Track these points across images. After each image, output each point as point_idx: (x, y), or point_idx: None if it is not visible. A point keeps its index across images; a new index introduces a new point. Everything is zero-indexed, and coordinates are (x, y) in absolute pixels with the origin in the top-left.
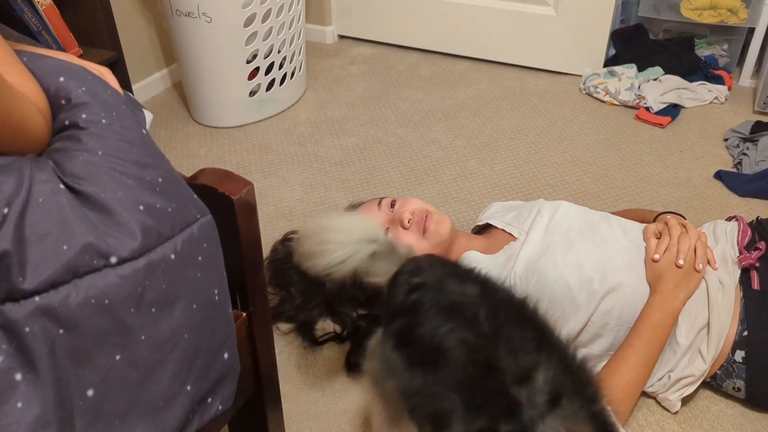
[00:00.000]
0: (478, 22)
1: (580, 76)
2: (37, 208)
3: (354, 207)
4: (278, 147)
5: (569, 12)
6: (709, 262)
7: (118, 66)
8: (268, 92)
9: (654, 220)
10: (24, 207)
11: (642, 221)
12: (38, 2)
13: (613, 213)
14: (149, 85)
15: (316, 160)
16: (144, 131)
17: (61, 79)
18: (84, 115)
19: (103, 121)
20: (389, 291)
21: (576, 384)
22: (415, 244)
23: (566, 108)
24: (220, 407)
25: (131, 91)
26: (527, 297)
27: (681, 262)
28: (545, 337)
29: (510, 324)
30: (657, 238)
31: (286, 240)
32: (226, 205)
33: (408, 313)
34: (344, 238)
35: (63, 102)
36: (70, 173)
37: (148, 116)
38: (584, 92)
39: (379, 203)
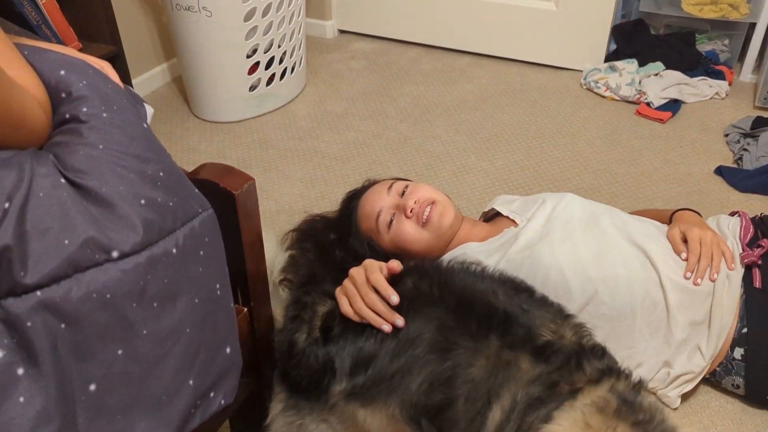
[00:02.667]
0: (479, 17)
1: (581, 71)
2: (38, 202)
3: (370, 185)
4: (278, 142)
5: (570, 7)
6: (726, 262)
7: (118, 60)
8: (269, 87)
9: (670, 218)
10: (25, 201)
11: (658, 219)
12: None
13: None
14: (149, 79)
15: (316, 155)
16: (145, 125)
17: (62, 72)
18: (85, 109)
19: (104, 114)
20: None
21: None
22: (414, 234)
23: (567, 103)
24: (222, 402)
25: (131, 86)
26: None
27: (699, 281)
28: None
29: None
30: (683, 241)
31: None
32: (227, 200)
33: None
34: None
35: (63, 95)
36: (72, 167)
37: (149, 110)
38: (585, 87)
39: (390, 187)
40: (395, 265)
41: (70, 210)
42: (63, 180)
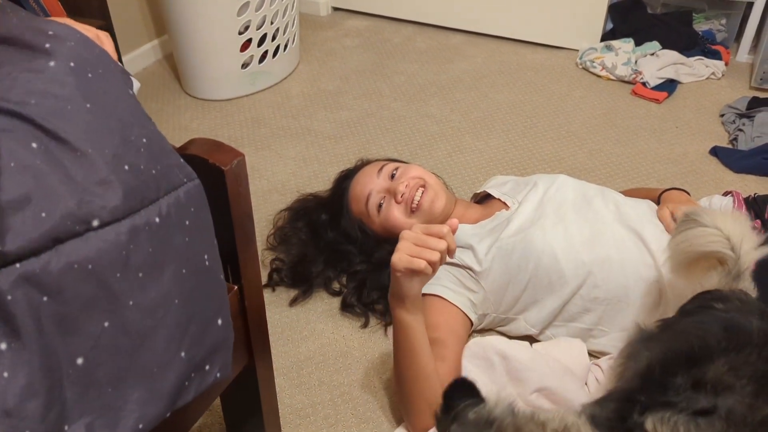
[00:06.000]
0: None
1: (577, 50)
2: (10, 173)
3: (362, 165)
4: (271, 120)
5: None
6: None
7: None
8: (261, 65)
9: (659, 198)
10: None
11: (648, 198)
12: None
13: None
14: (140, 56)
15: (309, 134)
16: (130, 92)
17: (50, 32)
18: (72, 64)
19: (89, 75)
20: None
21: None
22: (402, 220)
23: (562, 83)
24: (218, 375)
25: (121, 63)
26: None
27: None
28: None
29: None
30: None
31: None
32: (216, 175)
33: None
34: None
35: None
36: (49, 121)
37: (136, 84)
38: (581, 67)
39: (381, 169)
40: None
41: (48, 178)
42: (35, 144)
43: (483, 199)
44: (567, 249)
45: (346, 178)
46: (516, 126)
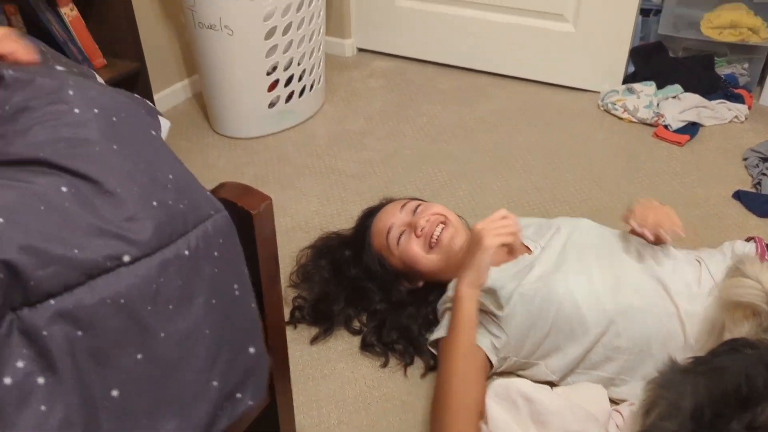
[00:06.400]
0: (497, 37)
1: (599, 92)
2: (43, 212)
3: (386, 203)
4: (296, 159)
5: (588, 29)
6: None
7: (141, 76)
8: (287, 104)
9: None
10: (28, 212)
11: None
12: (65, 14)
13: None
14: (170, 95)
15: (333, 173)
16: (154, 132)
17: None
18: (96, 111)
19: (114, 119)
20: None
21: None
22: (420, 254)
23: (584, 124)
24: (250, 402)
25: (152, 101)
26: None
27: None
28: None
29: None
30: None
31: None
32: (244, 218)
33: None
34: None
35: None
36: (77, 164)
37: (166, 124)
38: (602, 109)
39: (404, 205)
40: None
41: (78, 216)
42: (64, 188)
43: None
44: (589, 297)
45: (369, 215)
46: (538, 167)
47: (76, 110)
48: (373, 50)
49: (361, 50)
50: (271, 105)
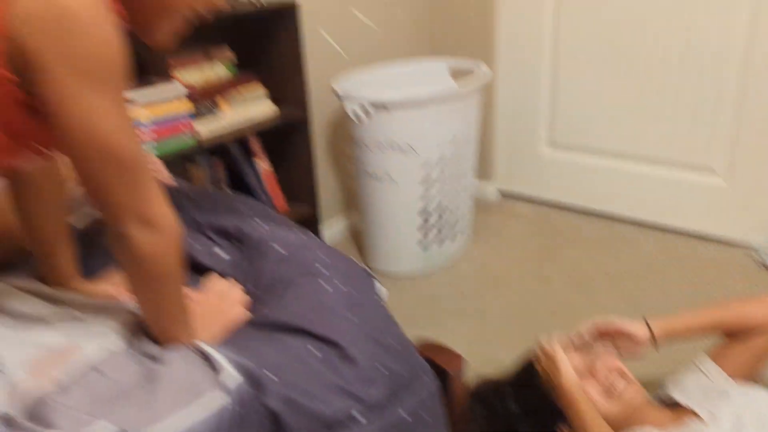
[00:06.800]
0: (643, 186)
1: (753, 246)
2: (299, 371)
3: (564, 337)
4: (444, 299)
5: (742, 183)
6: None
7: (314, 219)
8: (436, 244)
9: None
10: (291, 370)
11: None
12: (258, 164)
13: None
14: (330, 230)
15: (480, 315)
16: (376, 296)
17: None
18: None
19: (350, 287)
20: None
21: None
22: (602, 402)
23: (738, 279)
24: None
25: (319, 236)
26: None
27: None
28: None
29: None
30: None
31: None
32: (438, 373)
33: None
34: None
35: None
36: (326, 332)
37: (382, 290)
38: (759, 263)
39: (582, 347)
40: None
41: (324, 377)
42: (320, 354)
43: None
44: None
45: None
46: None
47: (321, 281)
48: (516, 194)
49: (504, 194)
50: (422, 245)
